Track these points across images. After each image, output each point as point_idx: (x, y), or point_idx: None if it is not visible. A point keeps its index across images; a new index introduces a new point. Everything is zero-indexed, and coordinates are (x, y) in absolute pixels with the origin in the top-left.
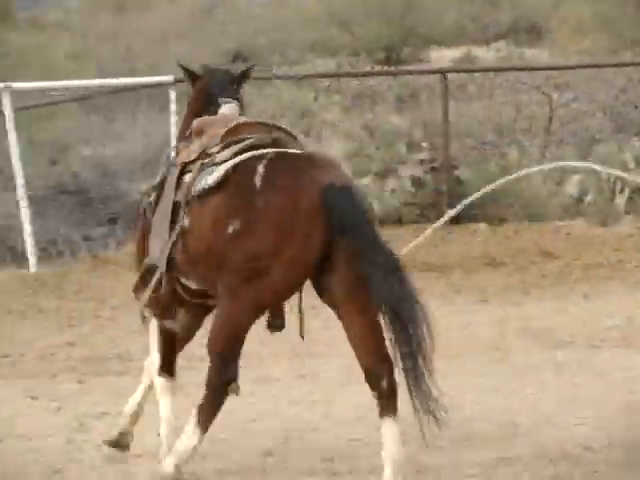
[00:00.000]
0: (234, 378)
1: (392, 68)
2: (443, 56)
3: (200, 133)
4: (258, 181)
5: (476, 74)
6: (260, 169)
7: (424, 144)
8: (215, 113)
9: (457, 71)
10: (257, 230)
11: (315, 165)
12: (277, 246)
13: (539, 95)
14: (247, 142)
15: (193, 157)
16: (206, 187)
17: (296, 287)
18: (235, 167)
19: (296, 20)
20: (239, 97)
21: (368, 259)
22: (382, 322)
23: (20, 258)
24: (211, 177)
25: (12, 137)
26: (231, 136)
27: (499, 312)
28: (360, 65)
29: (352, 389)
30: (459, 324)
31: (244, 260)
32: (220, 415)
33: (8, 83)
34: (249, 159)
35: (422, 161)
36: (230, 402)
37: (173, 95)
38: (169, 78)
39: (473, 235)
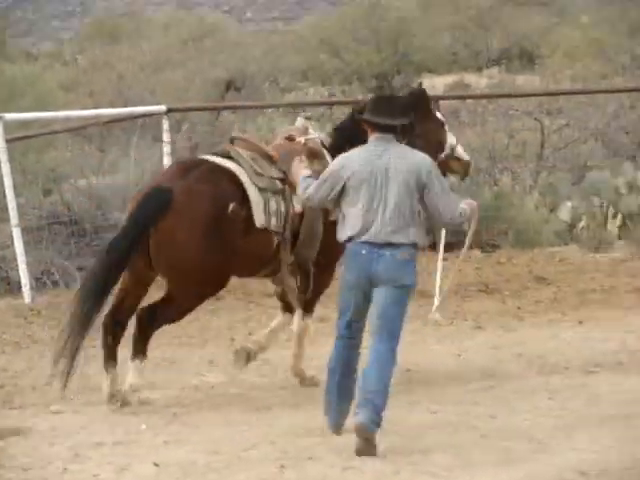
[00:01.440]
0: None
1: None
2: (435, 83)
3: None
4: None
5: (469, 101)
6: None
7: None
8: None
9: (449, 98)
10: None
11: (182, 169)
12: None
13: (531, 121)
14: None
15: None
16: None
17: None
18: None
19: (287, 47)
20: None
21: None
22: None
23: (14, 289)
24: None
25: (5, 167)
26: None
27: (494, 338)
28: (352, 93)
29: (349, 419)
30: (454, 351)
31: None
32: (214, 444)
33: (0, 114)
34: None
35: None
36: (225, 431)
37: (166, 125)
38: (162, 108)
39: (467, 262)
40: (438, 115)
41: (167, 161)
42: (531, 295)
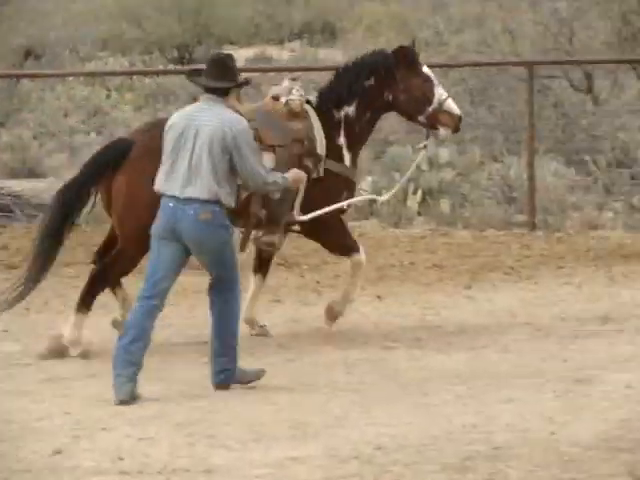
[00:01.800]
0: None
1: (186, 67)
2: (237, 55)
3: None
4: None
5: (270, 74)
6: None
7: None
8: None
9: (251, 70)
10: None
11: (150, 125)
12: None
13: None
14: None
15: None
16: None
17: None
18: None
19: (87, 16)
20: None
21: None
22: None
23: None
24: None
25: None
26: None
27: (292, 312)
28: (153, 63)
29: (143, 390)
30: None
31: None
32: (7, 414)
33: None
34: None
35: None
36: (18, 401)
37: None
38: None
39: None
40: (425, 70)
41: None
42: (330, 269)
